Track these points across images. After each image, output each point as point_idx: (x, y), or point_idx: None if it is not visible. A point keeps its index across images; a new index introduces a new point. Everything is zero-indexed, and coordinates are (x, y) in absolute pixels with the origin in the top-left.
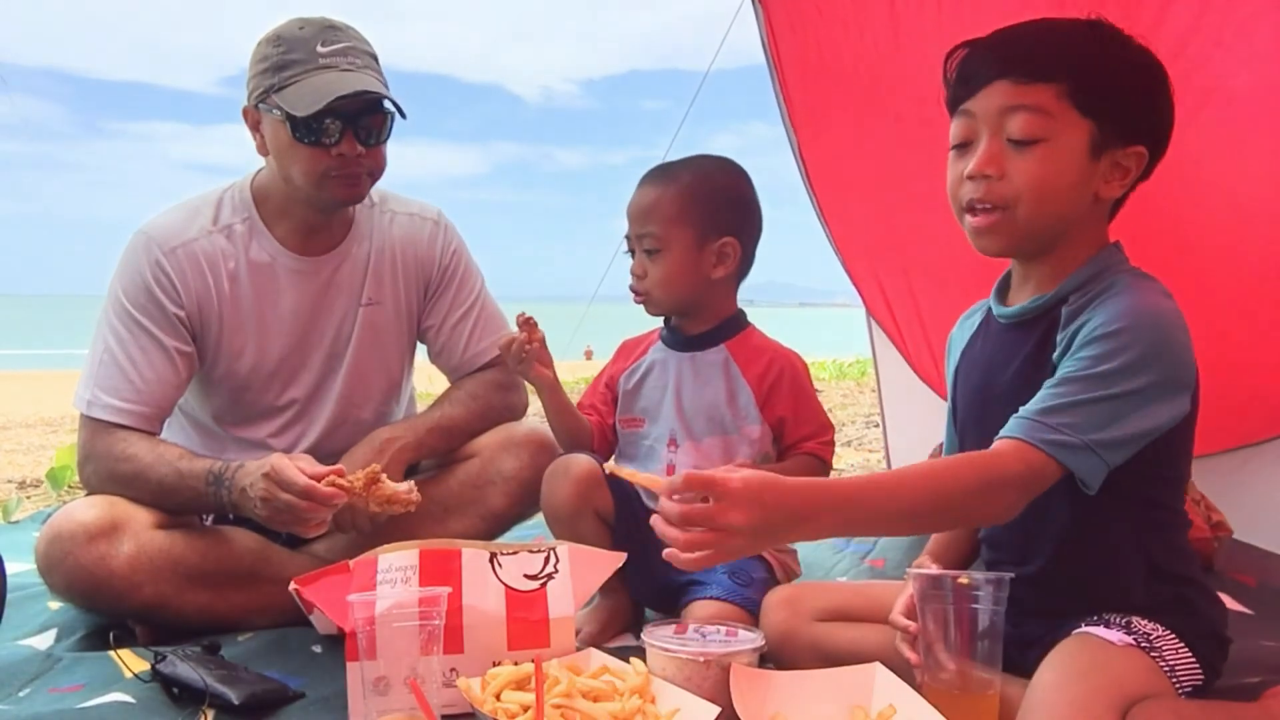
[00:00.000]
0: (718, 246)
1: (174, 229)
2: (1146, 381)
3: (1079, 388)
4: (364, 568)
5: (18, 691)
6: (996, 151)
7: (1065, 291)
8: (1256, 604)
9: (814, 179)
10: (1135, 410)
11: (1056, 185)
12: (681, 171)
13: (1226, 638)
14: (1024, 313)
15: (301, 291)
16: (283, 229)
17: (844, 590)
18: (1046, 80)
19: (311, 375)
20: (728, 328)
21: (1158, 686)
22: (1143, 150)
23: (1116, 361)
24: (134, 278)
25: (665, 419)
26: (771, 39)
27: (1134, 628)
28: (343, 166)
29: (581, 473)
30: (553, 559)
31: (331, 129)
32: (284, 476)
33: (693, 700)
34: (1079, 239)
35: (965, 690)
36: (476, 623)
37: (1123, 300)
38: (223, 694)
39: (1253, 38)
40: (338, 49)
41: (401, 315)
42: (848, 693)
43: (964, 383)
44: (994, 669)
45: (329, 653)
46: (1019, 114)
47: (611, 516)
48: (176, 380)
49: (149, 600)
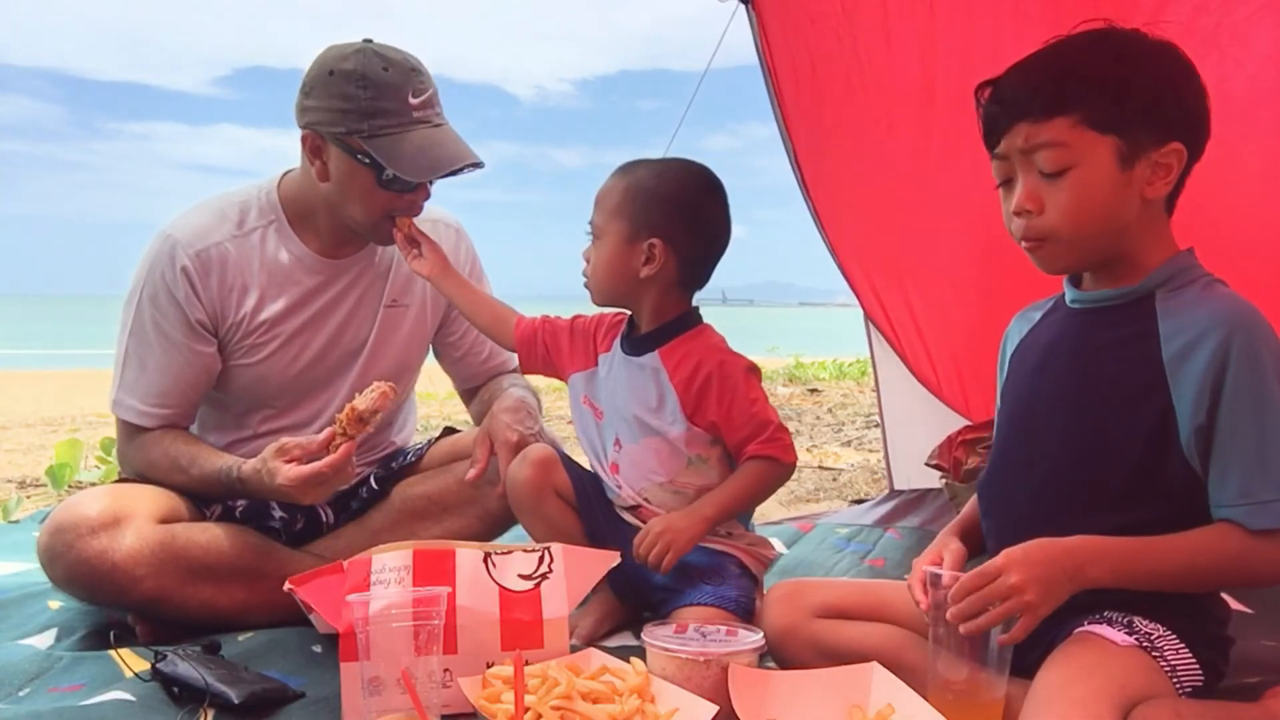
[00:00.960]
0: (646, 246)
1: (200, 231)
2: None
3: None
4: (358, 568)
5: (18, 691)
6: (1033, 188)
7: (1152, 285)
8: (1257, 604)
9: (809, 183)
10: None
11: (1092, 206)
12: (639, 168)
13: (1228, 638)
14: (1109, 298)
15: (323, 294)
16: (308, 233)
17: (845, 587)
18: (1058, 114)
19: (326, 371)
20: (667, 330)
21: (1159, 686)
22: (1179, 147)
23: (1263, 387)
24: (158, 280)
25: (612, 420)
26: (765, 45)
27: (1136, 627)
28: (410, 210)
29: (538, 456)
30: (547, 559)
31: (417, 184)
32: (290, 456)
33: (692, 700)
34: (1142, 239)
35: (974, 696)
36: (470, 623)
37: (1216, 305)
38: (223, 693)
39: (1250, 39)
40: (425, 99)
41: (424, 320)
42: (846, 692)
43: (1018, 367)
44: (1003, 674)
45: (329, 653)
46: (1042, 151)
47: (572, 497)
48: (198, 381)
49: (150, 593)
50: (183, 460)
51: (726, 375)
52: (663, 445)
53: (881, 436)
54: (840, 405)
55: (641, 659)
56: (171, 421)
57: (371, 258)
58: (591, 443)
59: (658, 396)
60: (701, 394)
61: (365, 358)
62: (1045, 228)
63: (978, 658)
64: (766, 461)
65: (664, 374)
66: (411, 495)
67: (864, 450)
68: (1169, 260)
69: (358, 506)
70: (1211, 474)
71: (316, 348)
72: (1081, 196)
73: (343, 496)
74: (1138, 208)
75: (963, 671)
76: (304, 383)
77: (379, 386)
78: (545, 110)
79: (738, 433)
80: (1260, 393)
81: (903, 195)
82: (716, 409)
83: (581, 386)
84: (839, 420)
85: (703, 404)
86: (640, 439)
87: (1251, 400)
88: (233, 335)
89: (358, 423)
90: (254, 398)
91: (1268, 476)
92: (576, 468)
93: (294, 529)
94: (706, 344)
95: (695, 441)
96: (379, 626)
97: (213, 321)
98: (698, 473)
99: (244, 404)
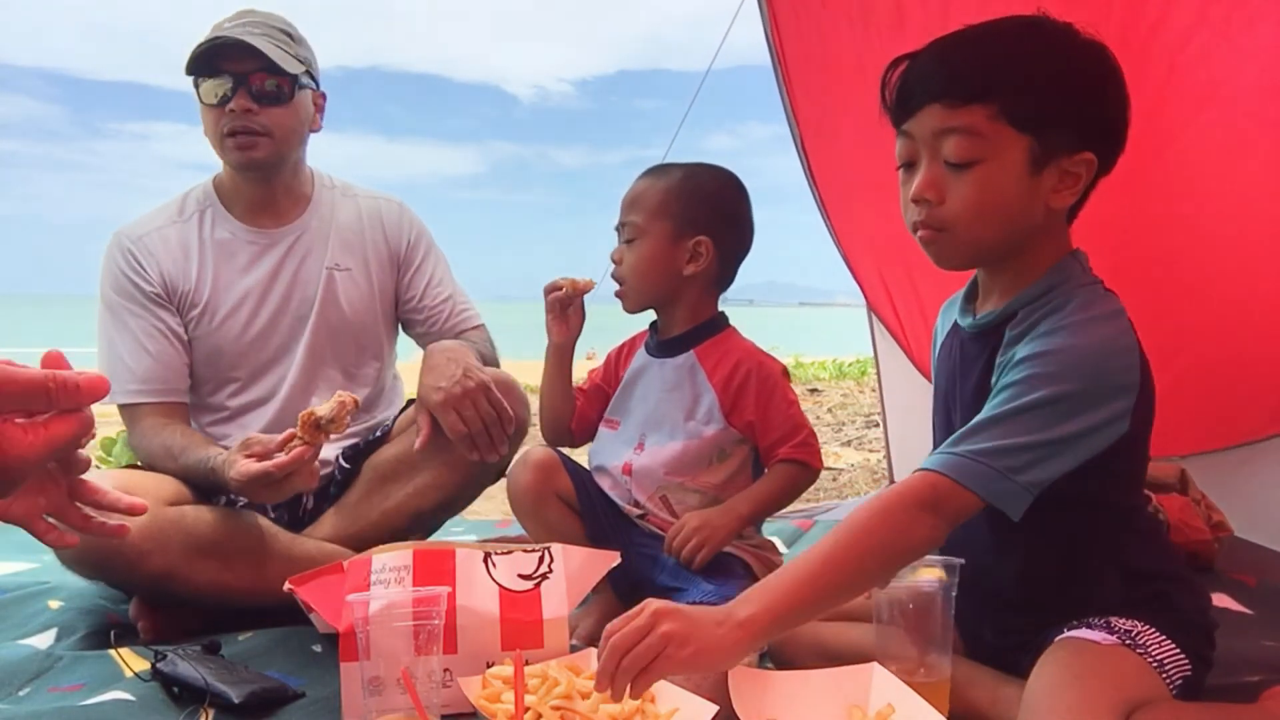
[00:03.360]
0: (692, 244)
1: (141, 223)
2: (1064, 421)
3: (1000, 429)
4: (358, 568)
5: (18, 691)
6: (935, 176)
7: (1015, 307)
8: (1257, 604)
9: (818, 175)
10: (1054, 444)
11: (995, 204)
12: (675, 169)
13: (1211, 622)
14: (981, 325)
15: (263, 261)
16: (239, 209)
17: None
18: (977, 101)
19: (280, 337)
20: (701, 332)
21: (1149, 682)
22: (1090, 157)
23: (1035, 395)
24: (111, 269)
25: (636, 422)
26: (776, 34)
27: (1114, 626)
28: (234, 122)
29: (539, 459)
30: (547, 559)
31: (221, 87)
32: (250, 452)
33: (692, 700)
34: (1037, 248)
35: (923, 678)
36: (470, 623)
37: (1054, 342)
38: (223, 693)
39: (1254, 37)
40: (240, 22)
41: (372, 284)
42: (845, 692)
43: (935, 380)
44: (946, 657)
45: (329, 652)
46: (952, 137)
47: (574, 500)
48: (174, 351)
49: (158, 570)
50: (175, 449)
51: (765, 376)
52: (692, 444)
53: (883, 434)
54: (840, 405)
55: None
56: (163, 396)
57: (307, 225)
58: (599, 452)
59: (693, 396)
60: (740, 393)
61: (313, 321)
62: (945, 218)
63: (924, 640)
64: (797, 465)
65: (701, 373)
66: (379, 461)
67: (864, 450)
68: (1047, 272)
69: (335, 491)
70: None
71: (265, 316)
72: (985, 193)
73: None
74: (1040, 215)
75: (909, 653)
76: (259, 352)
77: (340, 395)
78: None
79: (772, 434)
80: (1034, 397)
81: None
82: (754, 409)
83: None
84: (839, 420)
85: (740, 403)
86: (670, 439)
87: (1025, 387)
88: (184, 308)
89: (314, 429)
90: (215, 373)
91: (976, 442)
92: (578, 468)
93: (283, 520)
94: (741, 345)
95: (727, 441)
96: (379, 626)
97: (166, 293)
98: (717, 472)
99: (210, 382)
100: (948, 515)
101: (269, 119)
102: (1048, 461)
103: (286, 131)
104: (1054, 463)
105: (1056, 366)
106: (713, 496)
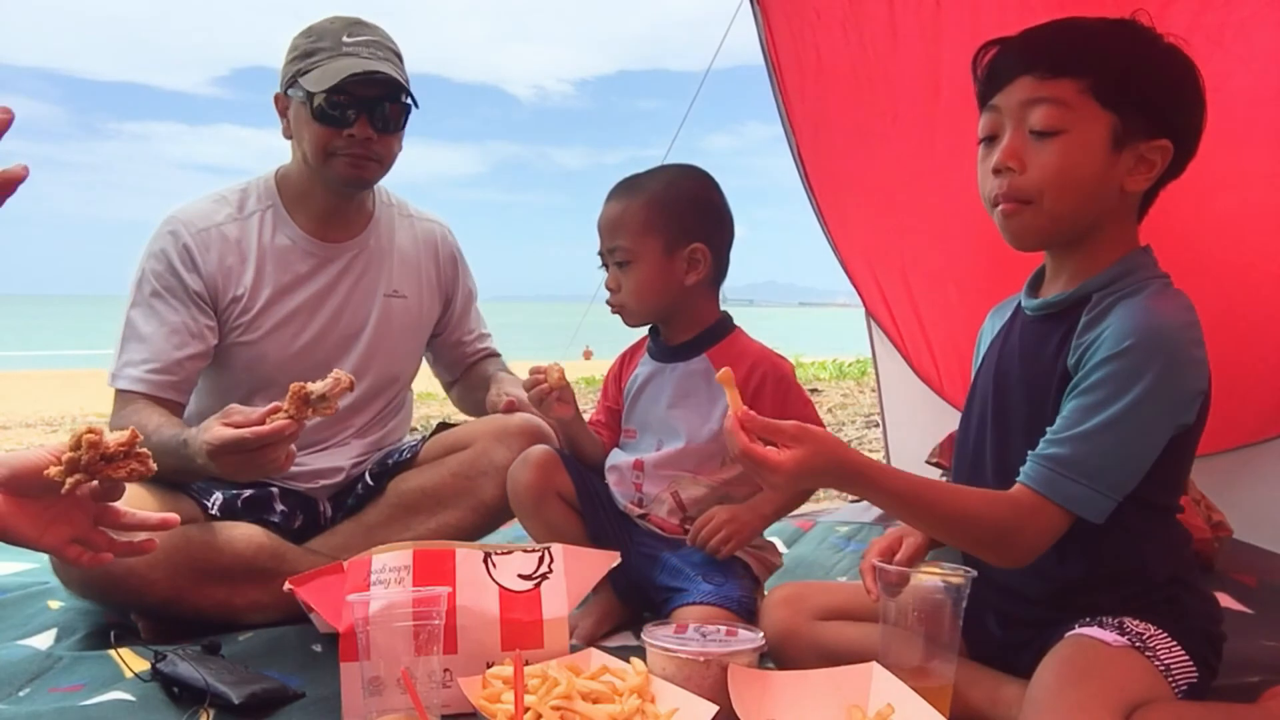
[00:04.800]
0: (687, 253)
1: (201, 214)
2: (1155, 413)
3: (1091, 430)
4: (357, 568)
5: (18, 691)
6: (1019, 144)
7: (1090, 290)
8: (1256, 604)
9: (813, 180)
10: (1144, 447)
11: (1077, 176)
12: (646, 181)
13: (1220, 634)
14: (1049, 306)
15: (320, 276)
16: (303, 215)
17: (845, 590)
18: (1068, 75)
19: (324, 353)
20: (710, 335)
21: (1154, 686)
22: (1167, 144)
23: (1128, 397)
24: (159, 256)
25: (653, 430)
26: (770, 40)
27: (1126, 628)
28: (351, 146)
29: (539, 458)
30: (547, 559)
31: (347, 110)
32: (229, 420)
33: (692, 700)
34: (1107, 234)
35: (924, 680)
36: (470, 623)
37: (1138, 317)
38: (223, 693)
39: (1252, 38)
40: (362, 40)
41: (422, 314)
42: (845, 692)
43: (986, 372)
44: (951, 663)
45: (329, 652)
46: (1040, 106)
47: (574, 498)
48: (195, 349)
49: (165, 595)
50: (149, 428)
51: (780, 377)
52: (707, 445)
53: (882, 435)
54: (840, 405)
55: (641, 659)
56: (164, 392)
57: (366, 244)
58: (614, 455)
59: (709, 398)
60: (757, 394)
61: (364, 344)
62: (1029, 187)
63: (930, 644)
64: None
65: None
66: (406, 489)
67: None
68: (1122, 259)
69: (354, 503)
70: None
71: (314, 330)
72: (1066, 164)
73: (340, 493)
74: (1115, 197)
75: (914, 657)
76: (302, 365)
77: (336, 373)
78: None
79: None
80: (1122, 388)
81: (907, 189)
82: (772, 409)
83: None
84: (839, 420)
85: (757, 405)
86: (687, 442)
87: (1111, 384)
88: (231, 312)
89: (302, 403)
90: (253, 378)
91: (1083, 461)
92: (578, 468)
93: (293, 525)
94: (753, 346)
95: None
96: (379, 626)
97: (210, 296)
98: (729, 469)
99: (245, 387)
100: (1048, 543)
101: (383, 146)
102: (1137, 457)
103: (393, 157)
104: (1141, 456)
105: (1140, 353)
106: (722, 491)
